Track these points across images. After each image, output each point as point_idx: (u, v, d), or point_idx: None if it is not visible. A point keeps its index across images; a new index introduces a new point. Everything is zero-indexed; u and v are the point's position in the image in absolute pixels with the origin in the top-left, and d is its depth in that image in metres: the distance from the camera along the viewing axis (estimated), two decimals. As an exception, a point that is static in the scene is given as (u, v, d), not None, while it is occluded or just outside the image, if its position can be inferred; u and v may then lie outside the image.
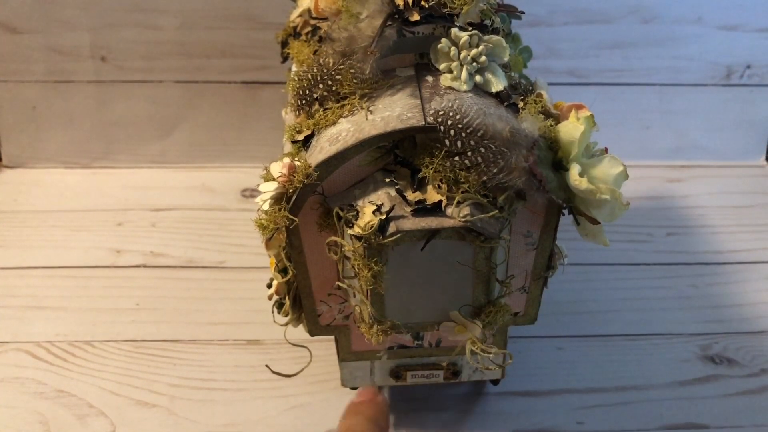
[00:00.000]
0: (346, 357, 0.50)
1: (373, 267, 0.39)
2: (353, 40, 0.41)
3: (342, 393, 0.55)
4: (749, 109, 0.80)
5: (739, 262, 0.68)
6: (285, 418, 0.54)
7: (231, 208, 0.75)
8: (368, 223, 0.38)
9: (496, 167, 0.37)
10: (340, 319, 0.47)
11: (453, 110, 0.38)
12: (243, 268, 0.67)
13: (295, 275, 0.44)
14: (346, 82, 0.40)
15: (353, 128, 0.39)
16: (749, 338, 0.61)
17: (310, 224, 0.41)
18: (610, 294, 0.65)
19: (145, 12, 0.76)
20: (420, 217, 0.39)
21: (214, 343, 0.60)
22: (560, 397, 0.56)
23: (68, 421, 0.54)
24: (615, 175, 0.38)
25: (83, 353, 0.59)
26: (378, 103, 0.40)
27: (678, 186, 0.78)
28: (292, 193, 0.39)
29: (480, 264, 0.40)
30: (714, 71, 0.79)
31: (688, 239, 0.71)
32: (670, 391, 0.56)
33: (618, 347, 0.60)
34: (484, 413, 0.54)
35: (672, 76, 0.79)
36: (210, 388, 0.56)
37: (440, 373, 0.51)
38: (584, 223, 0.41)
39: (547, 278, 0.46)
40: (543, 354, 0.59)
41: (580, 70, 0.78)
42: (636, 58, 0.78)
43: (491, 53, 0.41)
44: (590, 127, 0.39)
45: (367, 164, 0.40)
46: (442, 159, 0.38)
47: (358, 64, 0.40)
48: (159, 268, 0.67)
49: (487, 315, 0.42)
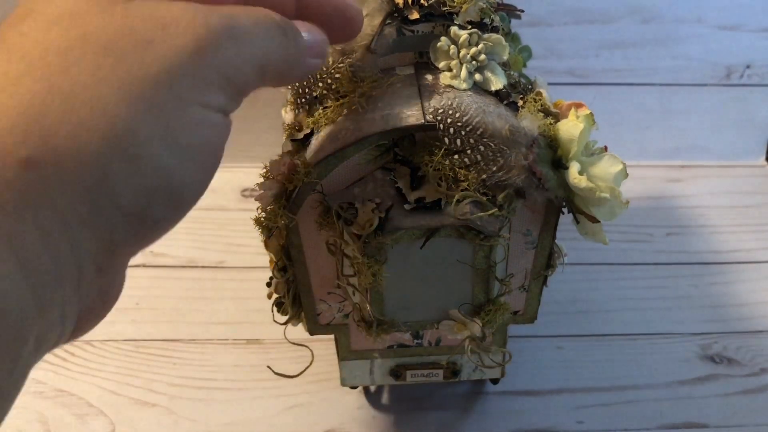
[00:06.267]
0: (346, 356, 0.50)
1: (372, 265, 0.39)
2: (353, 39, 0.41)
3: (342, 392, 0.55)
4: (749, 109, 0.80)
5: (739, 262, 0.68)
6: (285, 417, 0.54)
7: (231, 208, 0.75)
8: (368, 221, 0.38)
9: (495, 165, 0.37)
10: (340, 318, 0.47)
11: (452, 108, 0.38)
12: (243, 268, 0.67)
13: (295, 274, 0.44)
14: (346, 81, 0.40)
15: (353, 126, 0.39)
16: (749, 338, 0.61)
17: (309, 223, 0.42)
18: (610, 294, 0.65)
19: (145, 12, 0.76)
20: (419, 215, 0.39)
21: (214, 343, 0.60)
22: (560, 397, 0.56)
23: (68, 420, 0.54)
24: (615, 174, 0.39)
25: (83, 353, 0.59)
26: (377, 102, 0.40)
27: (678, 186, 0.78)
28: (292, 192, 0.39)
29: (479, 262, 0.41)
30: (714, 71, 0.78)
31: (688, 239, 0.71)
32: (670, 391, 0.56)
33: (618, 347, 0.60)
34: (483, 412, 0.54)
35: (672, 76, 0.78)
36: (210, 387, 0.56)
37: (440, 372, 0.51)
38: (584, 222, 0.41)
39: (546, 277, 0.46)
40: (542, 353, 0.59)
41: (579, 70, 0.78)
42: (636, 58, 0.77)
43: (491, 52, 0.41)
44: (590, 125, 0.39)
45: (366, 162, 0.40)
46: (441, 157, 0.38)
47: (357, 62, 0.40)
48: (159, 268, 0.67)
49: (486, 313, 0.43)
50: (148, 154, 0.24)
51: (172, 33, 0.25)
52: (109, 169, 0.23)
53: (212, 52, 0.25)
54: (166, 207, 0.26)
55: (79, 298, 0.25)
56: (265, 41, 0.28)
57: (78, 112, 0.22)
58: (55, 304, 0.24)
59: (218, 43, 0.26)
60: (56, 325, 0.25)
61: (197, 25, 0.25)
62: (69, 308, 0.25)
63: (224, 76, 0.26)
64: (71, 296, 0.25)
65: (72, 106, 0.22)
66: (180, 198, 0.26)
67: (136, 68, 0.24)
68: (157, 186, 0.24)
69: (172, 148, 0.25)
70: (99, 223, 0.24)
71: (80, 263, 0.24)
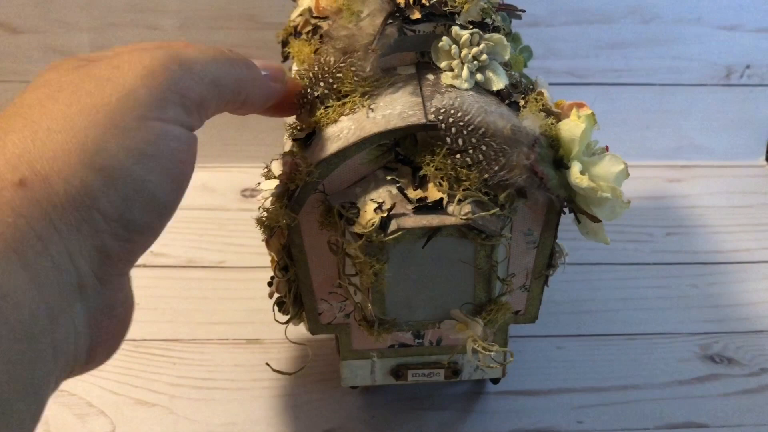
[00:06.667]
0: (347, 356, 0.50)
1: (374, 265, 0.39)
2: (354, 39, 0.41)
3: (342, 392, 0.55)
4: (749, 109, 0.80)
5: (739, 262, 0.68)
6: (285, 417, 0.54)
7: (231, 208, 0.75)
8: (369, 221, 0.38)
9: (497, 165, 0.37)
10: (341, 318, 0.47)
11: (454, 108, 0.38)
12: (243, 268, 0.67)
13: (296, 273, 0.44)
14: (348, 81, 0.40)
15: (354, 126, 0.39)
16: (749, 338, 0.61)
17: (311, 222, 0.42)
18: (610, 293, 0.65)
19: (144, 12, 0.76)
20: (421, 214, 0.39)
21: (214, 343, 0.60)
22: (560, 396, 0.56)
23: (68, 420, 0.54)
24: (616, 173, 0.39)
25: (83, 352, 0.59)
26: (379, 101, 0.40)
27: (678, 186, 0.78)
28: (294, 191, 0.39)
29: (481, 262, 0.41)
30: (714, 71, 0.79)
31: (688, 239, 0.71)
32: (670, 391, 0.56)
33: (618, 347, 0.60)
34: (483, 412, 0.54)
35: (672, 76, 0.79)
36: (210, 387, 0.56)
37: (441, 372, 0.51)
38: (585, 222, 0.41)
39: (548, 277, 0.46)
40: (542, 353, 0.59)
41: (579, 70, 0.78)
42: (636, 58, 0.78)
43: (492, 51, 0.41)
44: (591, 125, 0.39)
45: (368, 162, 0.41)
46: (443, 157, 0.38)
47: (359, 62, 0.40)
48: (159, 268, 0.67)
49: (488, 313, 0.42)
50: (119, 166, 0.28)
51: (125, 70, 0.30)
52: (87, 181, 0.27)
53: (162, 74, 0.30)
54: (145, 211, 0.30)
55: (86, 310, 0.28)
56: (214, 65, 0.33)
57: (56, 138, 0.27)
58: (64, 314, 0.27)
59: (167, 67, 0.31)
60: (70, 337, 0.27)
61: (144, 58, 0.31)
62: (78, 320, 0.28)
63: (179, 94, 0.31)
64: (78, 306, 0.28)
65: (51, 136, 0.27)
66: (155, 203, 0.30)
67: (100, 99, 0.29)
68: (131, 192, 0.29)
69: (140, 159, 0.29)
70: (87, 229, 0.27)
71: (79, 268, 0.27)
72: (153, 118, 0.29)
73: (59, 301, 0.26)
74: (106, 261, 0.29)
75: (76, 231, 0.27)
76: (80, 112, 0.28)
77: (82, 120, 0.28)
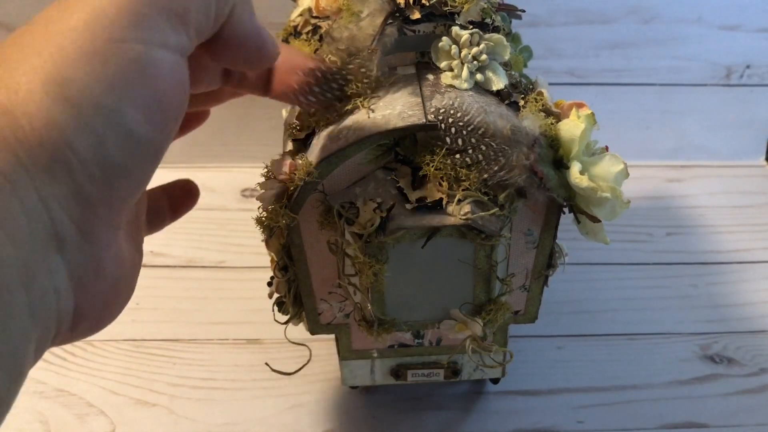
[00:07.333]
0: (347, 356, 0.50)
1: (373, 265, 0.39)
2: (354, 39, 0.41)
3: (342, 392, 0.55)
4: (749, 109, 0.80)
5: (739, 262, 0.68)
6: (285, 417, 0.54)
7: (231, 208, 0.75)
8: (369, 221, 0.38)
9: (496, 165, 0.37)
10: (341, 318, 0.47)
11: (454, 108, 0.38)
12: (243, 268, 0.67)
13: (296, 273, 0.44)
14: (356, 82, 0.40)
15: (354, 126, 0.39)
16: (749, 338, 0.61)
17: (310, 222, 0.41)
18: (610, 294, 0.65)
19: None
20: (421, 215, 0.39)
21: (214, 343, 0.60)
22: (560, 396, 0.56)
23: (68, 420, 0.54)
24: (616, 173, 0.39)
25: (83, 352, 0.59)
26: (379, 101, 0.40)
27: (678, 186, 0.78)
28: (293, 191, 0.39)
29: (481, 262, 0.41)
30: (714, 71, 0.79)
31: (688, 239, 0.71)
32: (670, 391, 0.56)
33: (618, 347, 0.60)
34: (483, 412, 0.54)
35: (672, 76, 0.79)
36: (210, 387, 0.56)
37: (440, 372, 0.51)
38: (585, 222, 0.41)
39: (547, 277, 0.46)
40: (542, 353, 0.59)
41: (579, 70, 0.78)
42: (636, 58, 0.78)
43: (492, 51, 0.41)
44: (591, 125, 0.39)
45: (367, 162, 0.40)
46: (442, 157, 0.38)
47: (366, 62, 0.40)
48: (159, 268, 0.67)
49: (487, 313, 0.43)
50: (89, 96, 0.24)
51: None
52: (54, 114, 0.24)
53: None
54: (122, 150, 0.26)
55: (67, 265, 0.25)
56: None
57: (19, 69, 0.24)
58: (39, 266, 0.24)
59: None
60: (49, 294, 0.25)
61: None
62: (58, 276, 0.25)
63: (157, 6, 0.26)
64: (56, 259, 0.25)
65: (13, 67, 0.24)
66: (133, 139, 0.26)
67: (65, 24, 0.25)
68: (103, 127, 0.25)
69: (112, 89, 0.25)
70: (60, 170, 0.24)
71: (53, 215, 0.24)
72: (127, 40, 0.25)
73: (32, 251, 0.24)
74: (85, 208, 0.25)
75: (48, 172, 0.24)
76: (46, 41, 0.25)
77: (47, 49, 0.25)
